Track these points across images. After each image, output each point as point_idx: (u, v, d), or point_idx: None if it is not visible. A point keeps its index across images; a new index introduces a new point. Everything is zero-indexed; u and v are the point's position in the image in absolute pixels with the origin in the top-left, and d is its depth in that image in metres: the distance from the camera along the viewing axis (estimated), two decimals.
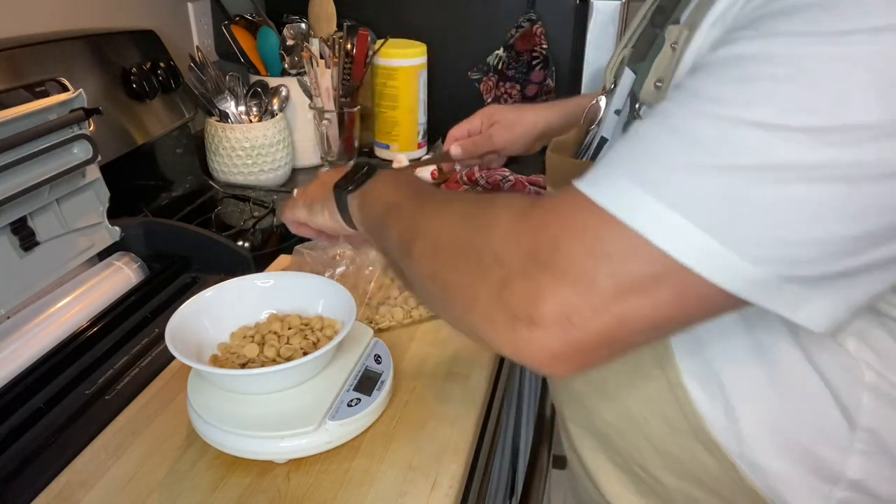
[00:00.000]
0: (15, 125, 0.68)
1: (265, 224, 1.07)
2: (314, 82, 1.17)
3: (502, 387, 0.75)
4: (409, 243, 0.49)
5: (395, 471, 0.57)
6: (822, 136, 0.34)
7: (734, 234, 0.36)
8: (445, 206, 0.49)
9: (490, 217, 0.43)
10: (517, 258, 0.40)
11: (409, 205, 0.53)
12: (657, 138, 0.38)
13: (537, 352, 0.39)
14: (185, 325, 0.62)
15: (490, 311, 0.41)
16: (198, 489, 0.55)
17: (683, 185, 0.36)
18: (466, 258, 0.43)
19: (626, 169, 0.38)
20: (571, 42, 1.32)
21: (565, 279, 0.38)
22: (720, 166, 0.35)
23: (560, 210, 0.40)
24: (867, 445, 0.48)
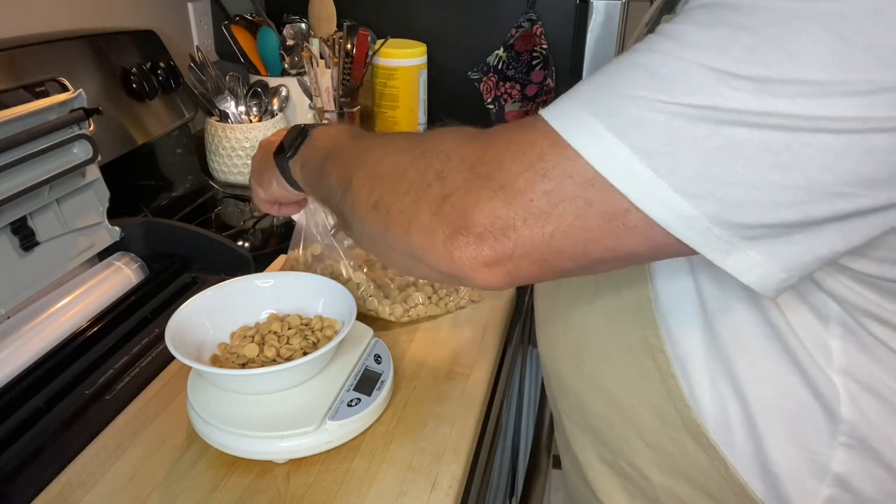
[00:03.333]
0: (15, 125, 0.68)
1: (265, 224, 1.07)
2: (314, 82, 1.17)
3: (502, 387, 0.75)
4: (348, 180, 0.49)
5: (395, 471, 0.57)
6: (769, 87, 0.34)
7: (670, 166, 0.36)
8: (386, 139, 0.50)
9: (436, 142, 0.44)
10: (460, 174, 0.41)
11: (347, 146, 0.53)
12: (616, 70, 0.39)
13: (469, 261, 0.41)
14: (185, 325, 0.62)
15: (430, 226, 0.42)
16: (198, 489, 0.55)
17: (630, 115, 0.37)
18: (408, 179, 0.44)
19: (581, 96, 0.39)
20: (571, 42, 1.32)
21: (503, 192, 0.39)
22: (668, 102, 0.36)
23: (510, 130, 0.42)
24: (850, 439, 0.48)
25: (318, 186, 0.56)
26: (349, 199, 0.49)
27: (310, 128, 0.61)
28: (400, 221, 0.44)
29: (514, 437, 1.23)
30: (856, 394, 0.47)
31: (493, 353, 0.73)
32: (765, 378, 0.49)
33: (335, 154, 0.54)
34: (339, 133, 0.58)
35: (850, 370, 0.47)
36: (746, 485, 0.52)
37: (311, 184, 0.58)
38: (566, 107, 0.40)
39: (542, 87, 1.34)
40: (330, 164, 0.53)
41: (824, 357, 0.47)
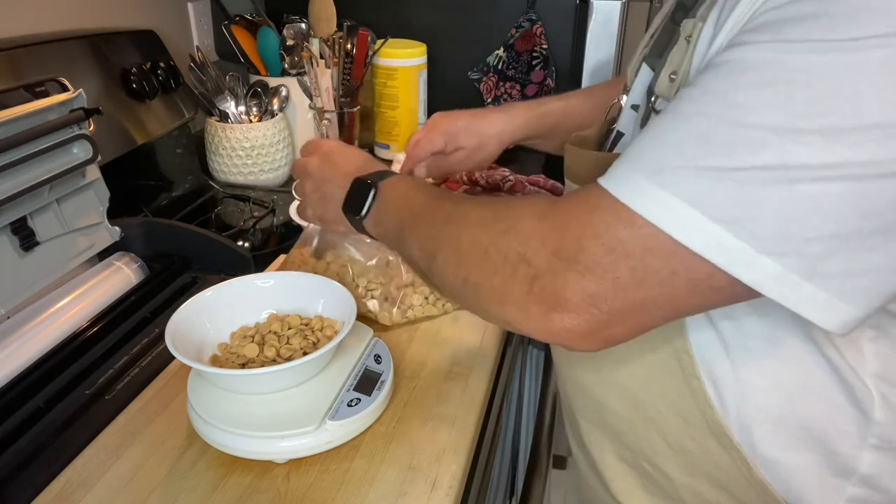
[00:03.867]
0: (15, 125, 0.68)
1: (265, 224, 1.07)
2: (314, 82, 1.17)
3: (502, 387, 0.75)
4: (432, 256, 0.53)
5: (395, 471, 0.57)
6: (835, 137, 0.35)
7: (750, 229, 0.38)
8: (459, 214, 0.52)
9: (511, 220, 0.47)
10: (543, 257, 0.44)
11: (423, 219, 0.56)
12: (673, 137, 0.40)
13: (567, 334, 0.44)
14: (185, 325, 0.62)
15: (524, 304, 0.45)
16: (198, 489, 0.55)
17: (700, 184, 0.38)
18: (493, 261, 0.47)
19: (645, 168, 0.41)
20: (571, 42, 1.32)
21: (590, 274, 0.42)
22: (736, 167, 0.37)
23: (581, 210, 0.43)
24: (880, 440, 0.49)
25: (399, 249, 0.60)
26: (436, 271, 0.52)
27: (377, 182, 0.62)
28: (493, 298, 0.47)
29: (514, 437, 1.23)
30: (888, 396, 0.48)
31: (493, 353, 0.73)
32: (796, 382, 0.49)
33: (411, 224, 0.56)
34: (408, 194, 0.60)
35: (883, 373, 0.48)
36: (770, 485, 0.52)
37: (388, 243, 0.62)
38: (633, 181, 0.41)
39: (542, 87, 1.34)
40: (409, 235, 0.56)
41: (858, 360, 0.48)
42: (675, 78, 0.50)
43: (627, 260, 0.41)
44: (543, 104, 0.86)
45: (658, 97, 0.52)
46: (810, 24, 0.36)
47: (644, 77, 0.58)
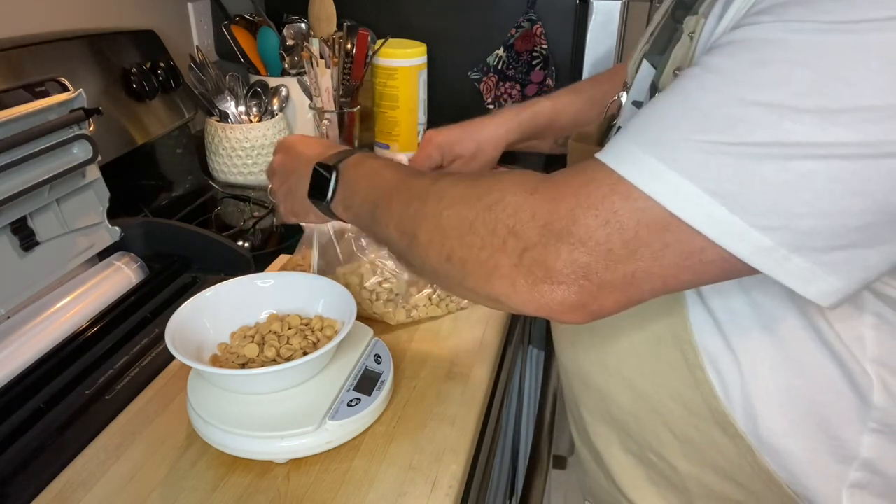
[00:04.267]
0: (15, 125, 0.68)
1: (265, 224, 1.07)
2: (314, 82, 1.17)
3: (502, 387, 0.75)
4: (411, 235, 0.51)
5: (395, 471, 0.57)
6: (832, 116, 0.36)
7: (742, 203, 0.38)
8: (438, 191, 0.50)
9: (498, 193, 0.46)
10: (534, 229, 0.43)
11: (397, 197, 0.54)
12: (673, 112, 0.40)
13: (556, 305, 0.43)
14: (185, 325, 0.62)
15: (512, 277, 0.44)
16: (198, 489, 0.55)
17: (697, 158, 0.39)
18: (479, 234, 0.46)
19: (644, 141, 0.41)
20: (571, 42, 1.32)
21: (582, 245, 0.42)
22: (732, 142, 0.38)
23: (575, 182, 0.43)
24: (880, 425, 0.49)
25: (374, 231, 0.57)
26: (417, 251, 0.51)
27: (337, 165, 0.60)
28: (479, 273, 0.46)
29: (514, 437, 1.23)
30: (887, 381, 0.48)
31: (493, 353, 0.73)
32: (798, 368, 0.50)
33: (385, 204, 0.54)
34: (377, 172, 0.58)
35: (883, 359, 0.48)
36: (774, 473, 0.52)
37: (363, 226, 0.60)
38: (632, 154, 0.41)
39: (542, 87, 1.34)
40: (383, 214, 0.54)
41: (858, 346, 0.48)
42: (679, 74, 0.50)
43: (621, 232, 0.41)
44: (533, 105, 0.86)
45: None
46: (813, 5, 0.37)
47: (645, 73, 0.59)
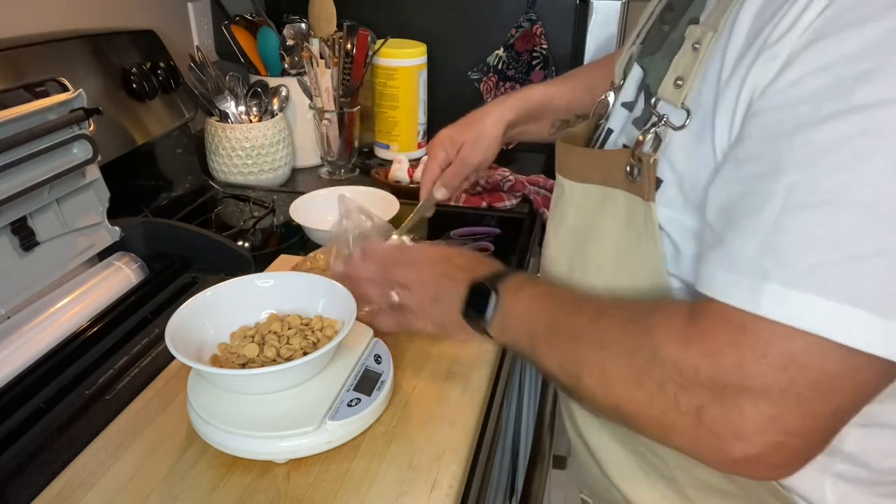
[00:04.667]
0: (15, 125, 0.68)
1: (265, 224, 1.07)
2: (314, 82, 1.17)
3: (502, 387, 0.75)
4: (576, 376, 0.50)
5: (395, 471, 0.57)
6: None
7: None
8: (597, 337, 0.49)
9: (652, 344, 0.45)
10: (702, 386, 0.42)
11: (558, 336, 0.53)
12: (797, 238, 0.39)
13: (757, 466, 0.42)
14: (185, 325, 0.62)
15: (694, 436, 0.43)
16: (198, 489, 0.55)
17: (846, 279, 0.37)
18: (646, 389, 0.44)
19: (776, 274, 0.39)
20: (571, 42, 1.32)
21: (767, 397, 0.39)
22: (874, 251, 0.36)
23: (729, 333, 0.41)
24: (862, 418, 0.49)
25: (531, 359, 0.57)
26: (583, 393, 0.50)
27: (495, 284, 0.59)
28: (654, 428, 0.45)
29: (514, 437, 1.23)
30: None
31: (493, 353, 0.72)
32: None
33: (546, 340, 0.54)
34: (535, 304, 0.56)
35: None
36: None
37: (517, 352, 0.59)
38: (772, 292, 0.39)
39: None
40: (544, 350, 0.54)
41: None
42: (681, 84, 0.49)
43: (805, 371, 0.39)
44: (525, 90, 0.87)
45: (659, 100, 0.52)
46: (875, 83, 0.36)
47: (635, 76, 0.58)
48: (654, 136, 0.51)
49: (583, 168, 0.59)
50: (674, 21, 0.55)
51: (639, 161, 0.52)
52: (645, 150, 0.52)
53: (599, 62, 0.91)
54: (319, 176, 1.27)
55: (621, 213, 0.55)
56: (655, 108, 0.52)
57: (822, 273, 0.38)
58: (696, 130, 0.48)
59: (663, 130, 0.51)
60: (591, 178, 0.58)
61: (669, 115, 0.50)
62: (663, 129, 0.51)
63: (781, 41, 0.41)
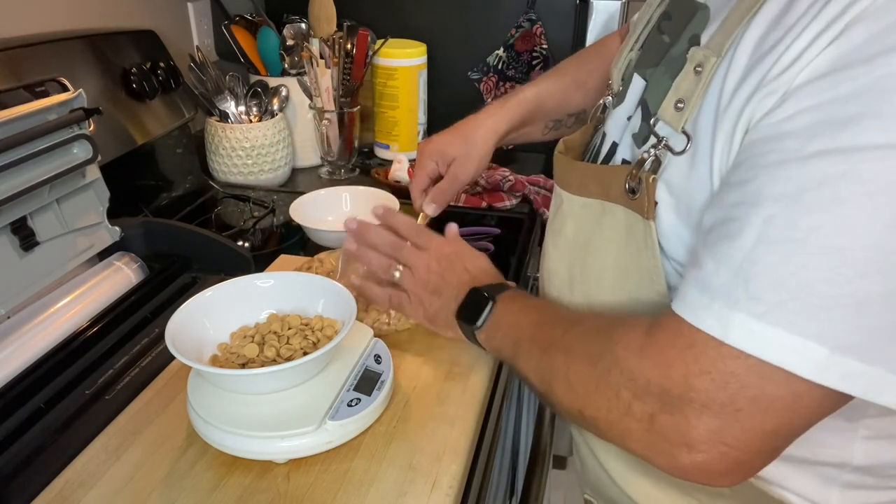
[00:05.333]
0: (15, 125, 0.68)
1: (265, 224, 1.07)
2: (314, 82, 1.17)
3: (502, 387, 0.75)
4: (548, 385, 0.54)
5: (395, 471, 0.57)
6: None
7: (875, 353, 0.38)
8: (565, 345, 0.53)
9: (612, 356, 0.47)
10: (653, 395, 0.44)
11: (535, 344, 0.56)
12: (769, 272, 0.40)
13: (704, 474, 0.44)
14: (185, 325, 0.62)
15: (647, 441, 0.45)
16: (198, 489, 0.55)
17: (816, 317, 0.38)
18: (604, 395, 0.47)
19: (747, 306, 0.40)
20: (571, 42, 1.32)
21: (709, 410, 0.42)
22: (844, 294, 0.37)
23: (679, 346, 0.43)
24: (871, 430, 0.49)
25: (512, 366, 0.60)
26: (554, 400, 0.54)
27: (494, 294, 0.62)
28: (613, 433, 0.48)
29: (514, 437, 1.23)
30: None
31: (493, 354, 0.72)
32: None
33: (525, 348, 0.57)
34: (521, 313, 0.60)
35: None
36: (761, 478, 0.53)
37: (501, 358, 0.63)
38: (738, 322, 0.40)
39: None
40: (524, 360, 0.57)
41: None
42: (681, 107, 0.49)
43: (745, 390, 0.40)
44: (516, 94, 0.85)
45: (658, 120, 0.52)
46: (863, 127, 0.37)
47: (636, 88, 0.58)
48: (654, 157, 0.51)
49: (582, 182, 0.60)
50: (674, 33, 0.55)
51: (638, 180, 0.52)
52: (645, 170, 0.52)
53: (586, 54, 0.89)
54: (319, 176, 1.27)
55: (621, 227, 0.55)
56: (654, 127, 0.52)
57: (789, 309, 0.39)
58: (694, 155, 0.48)
59: (662, 153, 0.51)
60: (590, 192, 0.58)
61: (669, 139, 0.50)
62: (662, 152, 0.51)
63: (781, 78, 0.41)
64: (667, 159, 0.51)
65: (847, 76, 0.38)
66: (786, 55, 0.41)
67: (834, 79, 0.39)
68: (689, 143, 0.49)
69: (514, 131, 0.85)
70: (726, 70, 0.46)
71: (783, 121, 0.41)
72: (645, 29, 0.60)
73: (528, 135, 0.87)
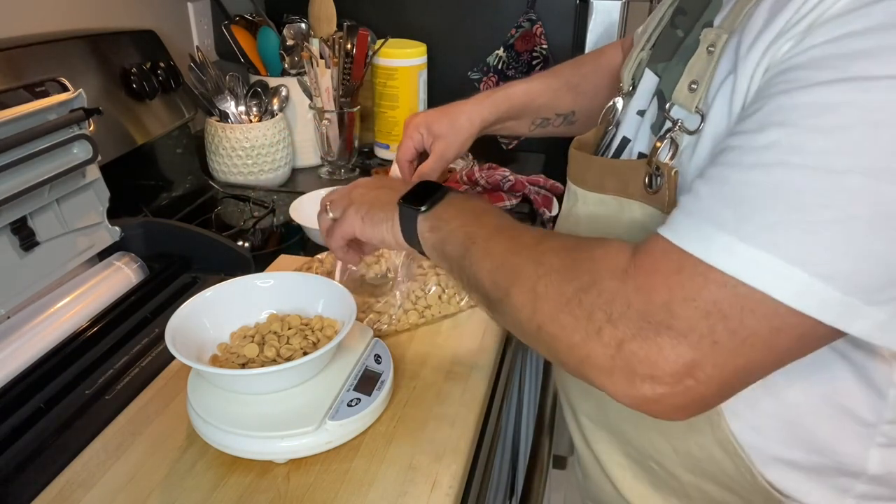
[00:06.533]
0: (15, 125, 0.68)
1: (265, 224, 1.07)
2: (314, 82, 1.17)
3: (502, 387, 0.75)
4: (505, 289, 0.49)
5: (395, 471, 0.57)
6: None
7: (856, 282, 0.37)
8: (538, 254, 0.49)
9: (592, 275, 0.44)
10: (630, 320, 0.41)
11: (497, 243, 0.52)
12: (759, 192, 0.39)
13: (659, 406, 0.42)
14: (185, 325, 0.62)
15: (607, 367, 0.43)
16: (198, 489, 0.55)
17: (800, 241, 0.37)
18: (574, 314, 0.44)
19: (733, 227, 0.39)
20: (571, 42, 1.32)
21: (686, 340, 0.40)
22: (834, 219, 0.37)
23: (665, 271, 0.41)
24: (887, 438, 0.49)
25: (457, 266, 0.55)
26: (508, 308, 0.49)
27: (448, 190, 0.58)
28: (570, 354, 0.45)
29: (514, 437, 1.23)
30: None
31: (493, 353, 0.72)
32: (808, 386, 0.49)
33: (483, 246, 0.52)
34: (481, 209, 0.56)
35: None
36: (773, 489, 0.52)
37: (443, 257, 0.56)
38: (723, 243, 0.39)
39: None
40: (478, 255, 0.52)
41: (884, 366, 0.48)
42: (695, 87, 0.49)
43: (725, 321, 0.39)
44: (506, 87, 0.85)
45: (673, 105, 0.52)
46: (883, 58, 0.36)
47: (649, 83, 0.58)
48: (671, 141, 0.51)
49: (599, 178, 0.59)
50: (687, 26, 0.55)
51: (657, 170, 0.51)
52: (661, 157, 0.51)
53: (585, 59, 0.90)
54: (319, 176, 1.27)
55: (637, 224, 0.54)
56: (669, 112, 0.52)
57: (777, 231, 0.38)
58: (710, 132, 0.48)
59: (679, 135, 0.50)
60: (607, 189, 0.58)
61: (684, 121, 0.50)
62: (678, 134, 0.50)
63: (799, 24, 0.41)
64: (683, 142, 0.50)
65: (863, 13, 0.38)
66: (805, 6, 0.41)
67: (850, 17, 0.38)
68: (703, 122, 0.48)
69: (499, 123, 0.85)
70: (738, 38, 0.46)
71: (794, 55, 0.40)
72: (657, 29, 0.60)
73: (513, 128, 0.88)
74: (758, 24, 0.44)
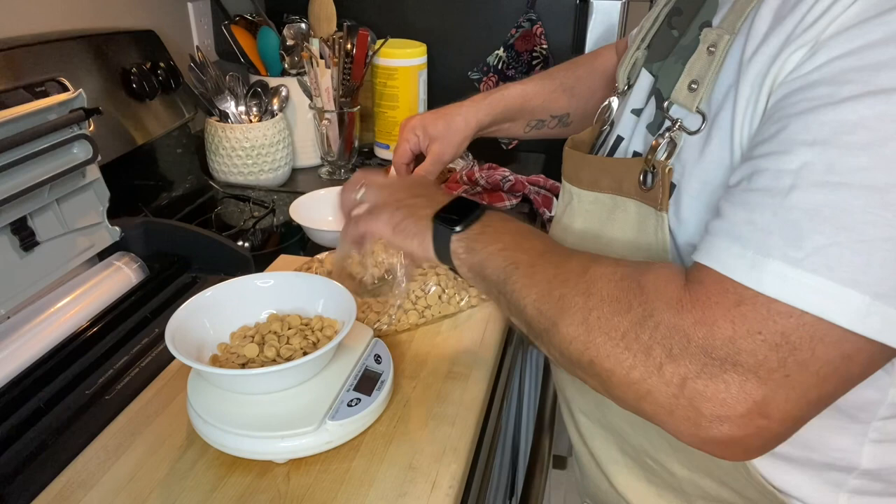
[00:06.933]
0: (15, 125, 0.68)
1: (265, 224, 1.07)
2: (314, 82, 1.17)
3: (502, 386, 0.75)
4: (552, 320, 0.47)
5: (395, 471, 0.57)
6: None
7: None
8: (587, 282, 0.46)
9: (644, 305, 0.43)
10: (692, 356, 0.40)
11: (541, 270, 0.49)
12: (805, 217, 0.38)
13: (728, 449, 0.40)
14: (185, 325, 0.62)
15: (671, 407, 0.41)
16: (198, 489, 0.55)
17: (854, 262, 0.37)
18: (631, 351, 0.42)
19: (783, 253, 0.38)
20: (571, 42, 1.32)
21: (755, 376, 0.38)
22: (886, 237, 0.36)
23: (724, 303, 0.40)
24: (881, 434, 0.49)
25: (499, 292, 0.52)
26: (556, 340, 0.47)
27: (486, 210, 0.56)
28: (627, 391, 0.43)
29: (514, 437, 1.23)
30: None
31: (493, 353, 0.72)
32: None
33: (526, 271, 0.50)
34: (522, 232, 0.54)
35: None
36: (767, 483, 0.52)
37: (480, 279, 0.54)
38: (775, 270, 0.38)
39: None
40: (522, 282, 0.49)
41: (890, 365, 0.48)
42: (696, 87, 0.49)
43: (795, 353, 0.38)
44: (502, 89, 0.86)
45: (672, 104, 0.52)
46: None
47: (644, 82, 0.58)
48: (669, 140, 0.51)
49: (593, 176, 0.59)
50: (683, 25, 0.55)
51: (652, 168, 0.51)
52: (659, 157, 0.51)
53: (580, 61, 0.90)
54: (319, 176, 1.27)
55: (632, 222, 0.54)
56: (668, 111, 0.52)
57: (829, 254, 0.37)
58: (711, 132, 0.48)
59: (678, 135, 0.50)
60: (601, 187, 0.58)
61: (684, 120, 0.50)
62: (678, 134, 0.50)
63: (808, 32, 0.41)
64: (682, 141, 0.50)
65: (879, 22, 0.37)
66: (813, 10, 0.40)
67: (865, 26, 0.38)
68: (705, 122, 0.48)
69: (494, 124, 0.85)
70: (744, 41, 0.45)
71: (812, 71, 0.40)
72: (652, 28, 0.60)
73: (508, 130, 0.88)
74: (762, 28, 0.44)
